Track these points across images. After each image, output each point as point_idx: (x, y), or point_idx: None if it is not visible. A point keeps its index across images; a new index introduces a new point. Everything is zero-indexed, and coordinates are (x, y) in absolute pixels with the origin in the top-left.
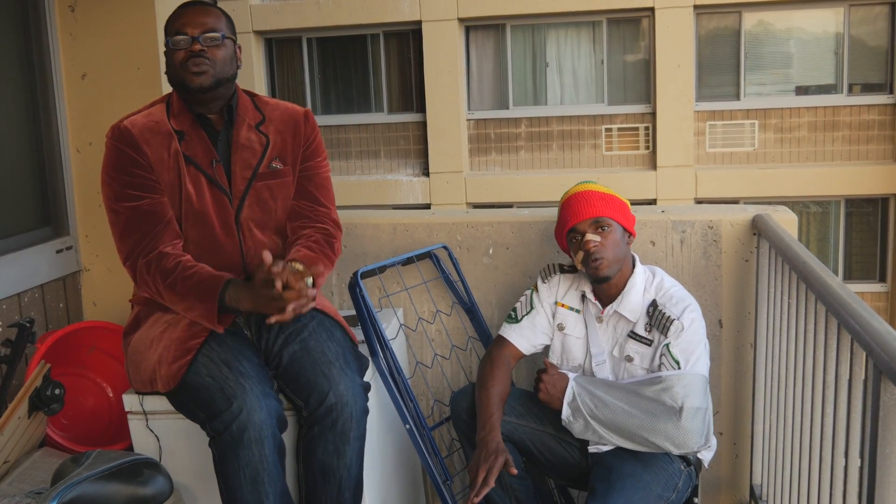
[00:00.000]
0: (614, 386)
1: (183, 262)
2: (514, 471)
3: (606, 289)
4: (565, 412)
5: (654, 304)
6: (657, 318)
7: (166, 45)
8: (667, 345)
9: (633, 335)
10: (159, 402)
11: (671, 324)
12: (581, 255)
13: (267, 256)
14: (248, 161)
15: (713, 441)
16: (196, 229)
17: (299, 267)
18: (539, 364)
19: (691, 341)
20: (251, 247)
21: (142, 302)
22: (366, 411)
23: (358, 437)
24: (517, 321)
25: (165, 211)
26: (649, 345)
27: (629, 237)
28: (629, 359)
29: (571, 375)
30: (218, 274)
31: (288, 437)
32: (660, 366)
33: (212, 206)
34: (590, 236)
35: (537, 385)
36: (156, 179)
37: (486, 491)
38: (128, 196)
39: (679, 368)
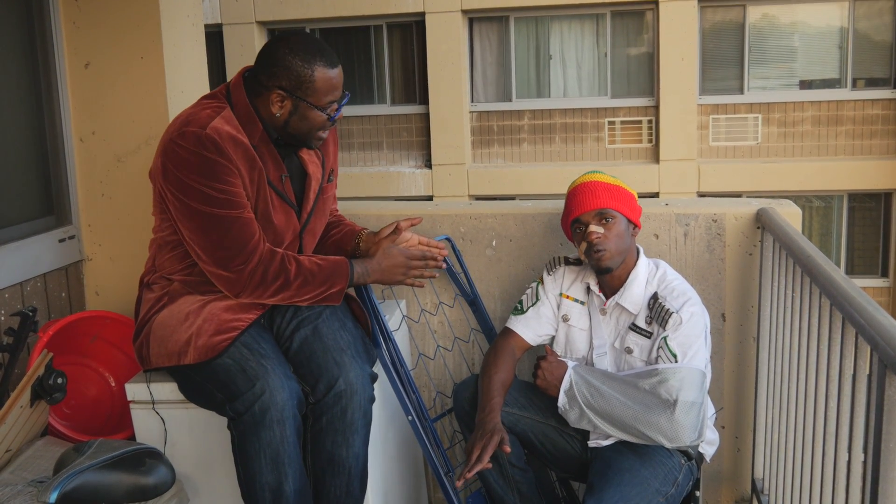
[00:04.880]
0: (612, 377)
1: (297, 258)
2: (508, 449)
3: (610, 280)
4: (561, 400)
5: (655, 296)
6: (657, 311)
7: (295, 103)
8: (665, 338)
9: (633, 327)
10: (165, 391)
11: (670, 317)
12: (584, 245)
13: (404, 225)
14: (315, 175)
15: (715, 435)
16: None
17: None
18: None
19: (689, 335)
20: (305, 253)
21: (173, 283)
22: (372, 399)
23: (365, 426)
24: (523, 312)
25: (255, 221)
26: (649, 337)
27: (634, 229)
28: (629, 350)
29: (570, 364)
30: (337, 260)
31: None
32: (657, 358)
33: (283, 220)
34: (593, 227)
35: (536, 371)
36: (244, 186)
37: (479, 468)
38: (229, 203)
39: (676, 362)
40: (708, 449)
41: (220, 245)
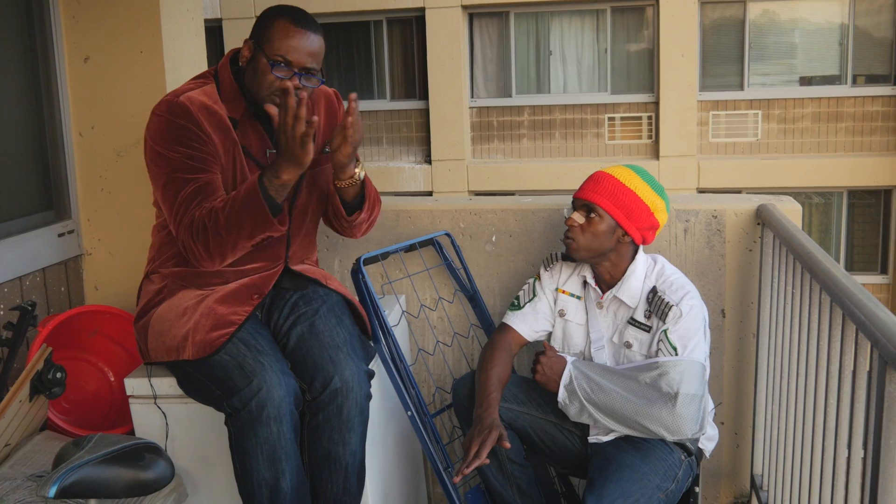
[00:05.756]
0: (611, 371)
1: (213, 203)
2: (508, 444)
3: (606, 274)
4: (561, 394)
5: (653, 290)
6: (656, 305)
7: (253, 50)
8: (664, 331)
9: (632, 321)
10: (164, 385)
11: (669, 310)
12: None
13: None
14: None
15: (715, 431)
16: None
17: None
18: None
19: (689, 328)
20: (296, 234)
21: (169, 276)
22: (369, 397)
23: (361, 423)
24: (520, 308)
25: (220, 185)
26: (648, 331)
27: (625, 235)
28: (628, 345)
29: (569, 359)
30: (247, 183)
31: None
32: (657, 352)
33: None
34: (574, 215)
35: (535, 366)
36: (214, 152)
37: (477, 463)
38: (189, 167)
39: (676, 355)
40: (707, 445)
41: (176, 206)
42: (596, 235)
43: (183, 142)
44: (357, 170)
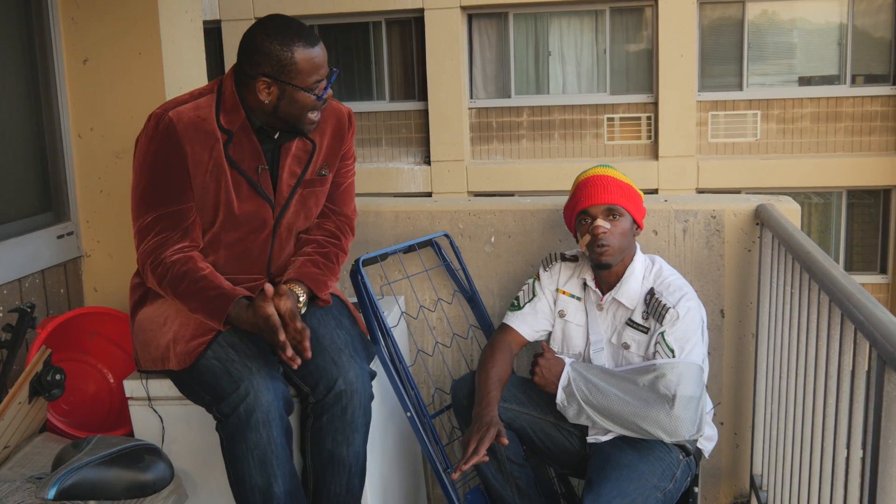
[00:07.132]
0: (609, 373)
1: (190, 271)
2: (506, 441)
3: (606, 276)
4: (560, 396)
5: (651, 292)
6: (654, 306)
7: (280, 86)
8: (662, 333)
9: (630, 323)
10: (162, 387)
11: (667, 312)
12: (588, 238)
13: (269, 289)
14: (293, 169)
15: (714, 431)
16: (231, 233)
17: (301, 298)
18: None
19: (686, 330)
20: (278, 251)
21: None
22: (372, 397)
23: (365, 424)
24: (520, 308)
25: (188, 216)
26: (646, 332)
27: (637, 229)
28: (626, 346)
29: (568, 360)
30: (226, 292)
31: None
32: (654, 354)
33: (252, 211)
34: (600, 222)
35: (533, 368)
36: (188, 185)
37: (475, 460)
38: (157, 200)
39: (673, 357)
40: (706, 445)
41: (139, 231)
42: (624, 234)
43: (160, 165)
44: (301, 303)
